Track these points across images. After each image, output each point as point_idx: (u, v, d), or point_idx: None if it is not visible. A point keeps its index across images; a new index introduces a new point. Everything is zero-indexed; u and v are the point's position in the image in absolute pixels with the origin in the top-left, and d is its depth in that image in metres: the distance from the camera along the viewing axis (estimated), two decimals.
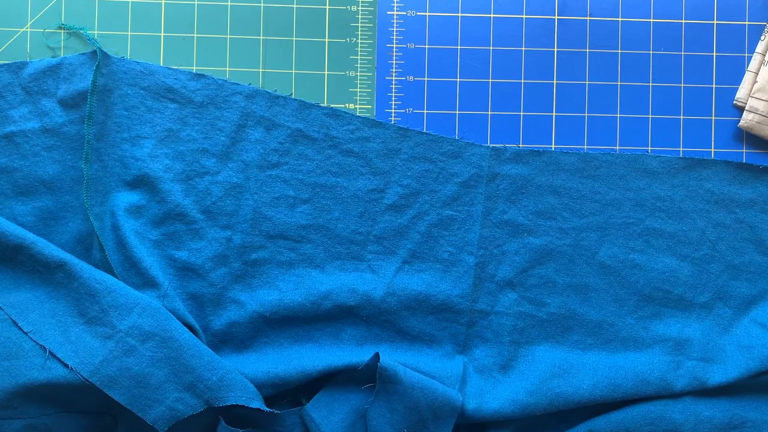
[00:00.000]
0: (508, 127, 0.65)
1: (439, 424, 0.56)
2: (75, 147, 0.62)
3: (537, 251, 0.63)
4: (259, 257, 0.62)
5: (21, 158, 0.61)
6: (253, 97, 0.63)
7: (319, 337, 0.62)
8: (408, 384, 0.56)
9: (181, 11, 0.64)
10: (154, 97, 0.62)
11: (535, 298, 0.63)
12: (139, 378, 0.53)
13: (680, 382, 0.60)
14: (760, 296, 0.63)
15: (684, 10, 0.66)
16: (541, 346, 0.62)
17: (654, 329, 0.62)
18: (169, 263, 0.61)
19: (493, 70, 0.65)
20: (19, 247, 0.56)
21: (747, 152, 0.65)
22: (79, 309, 0.55)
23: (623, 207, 0.63)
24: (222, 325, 0.61)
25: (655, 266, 0.63)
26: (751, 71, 0.65)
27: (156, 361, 0.54)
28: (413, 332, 0.62)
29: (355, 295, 0.61)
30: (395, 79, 0.65)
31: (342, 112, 0.63)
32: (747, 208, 0.63)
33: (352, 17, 0.65)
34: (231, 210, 0.62)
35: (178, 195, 0.61)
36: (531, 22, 0.65)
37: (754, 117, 0.64)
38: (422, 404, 0.56)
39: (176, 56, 0.64)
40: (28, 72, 0.62)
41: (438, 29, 0.65)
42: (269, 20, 0.65)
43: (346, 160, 0.63)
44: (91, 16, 0.64)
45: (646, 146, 0.65)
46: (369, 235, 0.63)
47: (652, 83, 0.65)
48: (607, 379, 0.59)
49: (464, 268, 0.63)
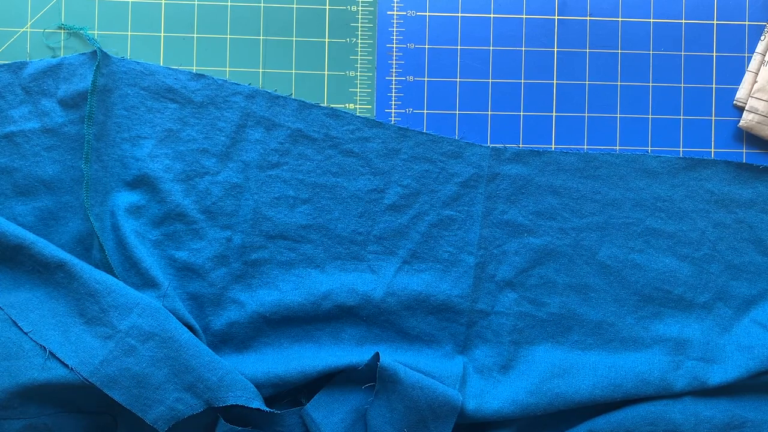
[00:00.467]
0: (508, 127, 0.65)
1: (439, 424, 0.56)
2: (75, 147, 0.62)
3: (537, 251, 0.63)
4: (259, 257, 0.62)
5: (21, 158, 0.61)
6: (253, 97, 0.63)
7: (319, 337, 0.62)
8: (408, 383, 0.56)
9: (181, 11, 0.64)
10: (154, 97, 0.62)
11: (535, 298, 0.63)
12: (139, 378, 0.53)
13: (680, 382, 0.60)
14: (760, 296, 0.63)
15: (684, 10, 0.66)
16: (541, 346, 0.62)
17: (654, 329, 0.62)
18: (169, 263, 0.61)
19: (493, 70, 0.65)
20: (19, 247, 0.56)
21: (747, 152, 0.65)
22: (79, 309, 0.55)
23: (623, 207, 0.63)
24: (222, 325, 0.61)
25: (655, 266, 0.63)
26: (751, 71, 0.65)
27: (156, 361, 0.54)
28: (413, 332, 0.62)
29: (355, 295, 0.61)
30: (395, 79, 0.65)
31: (342, 112, 0.63)
32: (747, 208, 0.63)
33: (352, 17, 0.65)
34: (231, 210, 0.62)
35: (178, 195, 0.61)
36: (531, 22, 0.65)
37: (754, 117, 0.64)
38: (422, 404, 0.56)
39: (176, 56, 0.64)
40: (28, 72, 0.62)
41: (438, 29, 0.65)
42: (269, 20, 0.65)
43: (346, 160, 0.63)
44: (91, 16, 0.64)
45: (646, 146, 0.65)
46: (369, 235, 0.63)
47: (652, 83, 0.65)
48: (607, 379, 0.59)
49: (464, 268, 0.63)
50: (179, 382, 0.54)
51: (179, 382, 0.54)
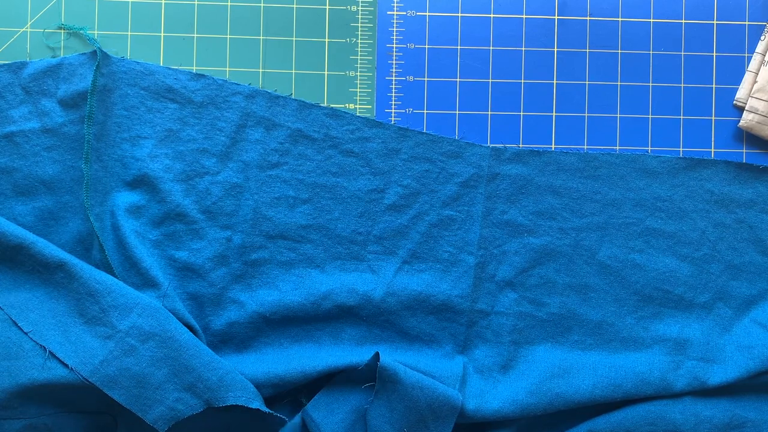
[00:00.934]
0: (508, 127, 0.65)
1: (438, 424, 0.56)
2: (75, 147, 0.62)
3: (537, 251, 0.63)
4: (259, 257, 0.62)
5: (21, 158, 0.61)
6: (253, 97, 0.63)
7: (319, 337, 0.62)
8: (408, 383, 0.56)
9: (181, 11, 0.64)
10: (154, 97, 0.62)
11: (535, 298, 0.63)
12: (139, 378, 0.53)
13: (680, 382, 0.60)
14: (760, 296, 0.63)
15: (684, 10, 0.66)
16: (541, 346, 0.62)
17: (654, 329, 0.62)
18: (169, 263, 0.61)
19: (493, 70, 0.65)
20: (19, 247, 0.56)
21: (747, 152, 0.65)
22: (78, 309, 0.55)
23: (623, 207, 0.63)
24: (222, 325, 0.61)
25: (655, 266, 0.63)
26: (751, 71, 0.65)
27: (156, 361, 0.54)
28: (413, 332, 0.62)
29: (355, 295, 0.61)
30: (395, 79, 0.65)
31: (342, 112, 0.63)
32: (747, 208, 0.63)
33: (352, 17, 0.65)
34: (231, 210, 0.62)
35: (178, 195, 0.61)
36: (531, 22, 0.65)
37: (754, 117, 0.64)
38: (422, 403, 0.56)
39: (176, 56, 0.64)
40: (28, 72, 0.62)
41: (438, 29, 0.65)
42: (269, 20, 0.65)
43: (346, 160, 0.63)
44: (91, 16, 0.64)
45: (646, 146, 0.65)
46: (369, 235, 0.63)
47: (652, 83, 0.65)
48: (607, 379, 0.59)
49: (464, 268, 0.62)
50: (179, 382, 0.54)
51: (179, 382, 0.54)
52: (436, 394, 0.56)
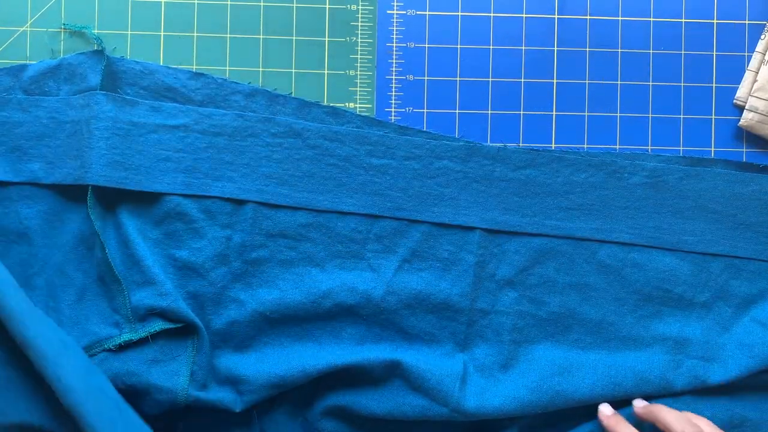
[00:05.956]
0: (508, 126, 0.65)
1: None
2: None
3: (537, 250, 0.63)
4: (259, 256, 0.62)
5: None
6: (253, 96, 0.63)
7: (319, 336, 0.62)
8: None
9: (181, 11, 0.64)
10: (154, 96, 0.62)
11: (535, 297, 0.63)
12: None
13: (680, 381, 0.60)
14: (760, 295, 0.63)
15: (684, 9, 0.66)
16: (541, 345, 0.62)
17: (654, 328, 0.62)
18: (169, 262, 0.61)
19: (493, 70, 0.65)
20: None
21: (747, 151, 0.65)
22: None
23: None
24: (222, 325, 0.61)
25: (655, 265, 0.63)
26: (751, 70, 0.65)
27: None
28: (413, 331, 0.62)
29: (354, 294, 0.61)
30: (395, 78, 0.65)
31: (342, 111, 0.63)
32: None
33: (352, 16, 0.65)
34: (231, 209, 0.62)
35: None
36: (531, 22, 0.65)
37: (755, 116, 0.64)
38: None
39: (176, 56, 0.64)
40: (28, 75, 0.62)
41: (438, 28, 0.65)
42: (269, 20, 0.65)
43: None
44: (91, 15, 0.64)
45: (646, 146, 0.65)
46: (369, 234, 0.63)
47: (652, 83, 0.65)
48: (607, 378, 0.59)
49: (464, 267, 0.62)
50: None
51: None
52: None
